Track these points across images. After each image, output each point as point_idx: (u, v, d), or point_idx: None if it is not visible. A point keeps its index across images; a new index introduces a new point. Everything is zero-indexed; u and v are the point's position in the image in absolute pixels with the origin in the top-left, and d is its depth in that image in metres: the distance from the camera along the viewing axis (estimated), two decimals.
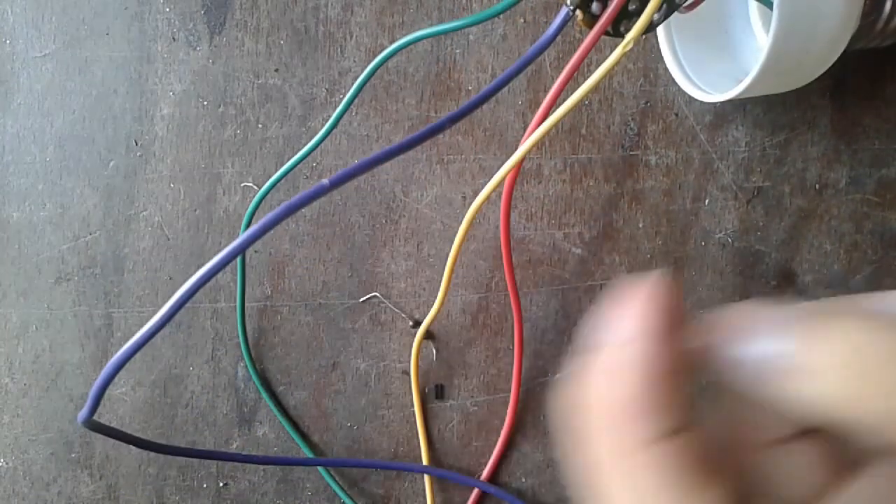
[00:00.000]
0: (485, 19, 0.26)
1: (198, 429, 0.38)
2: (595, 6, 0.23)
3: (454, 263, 0.32)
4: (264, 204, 0.36)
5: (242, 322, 0.37)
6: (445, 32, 0.28)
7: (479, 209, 0.30)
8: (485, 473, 0.37)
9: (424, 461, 0.37)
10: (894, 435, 0.14)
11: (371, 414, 0.38)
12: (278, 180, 0.35)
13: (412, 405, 0.37)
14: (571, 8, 0.23)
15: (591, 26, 0.23)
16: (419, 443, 0.37)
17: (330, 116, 0.37)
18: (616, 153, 0.36)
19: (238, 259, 0.37)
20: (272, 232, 0.38)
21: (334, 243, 0.37)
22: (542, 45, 0.23)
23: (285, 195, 0.37)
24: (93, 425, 0.23)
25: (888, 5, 0.27)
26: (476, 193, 0.36)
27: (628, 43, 0.23)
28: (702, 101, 0.32)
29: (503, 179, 0.28)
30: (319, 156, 0.37)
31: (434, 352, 0.37)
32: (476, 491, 0.37)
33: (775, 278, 0.35)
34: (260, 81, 0.37)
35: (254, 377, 0.38)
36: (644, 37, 0.26)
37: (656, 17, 0.24)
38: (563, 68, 0.36)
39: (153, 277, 0.38)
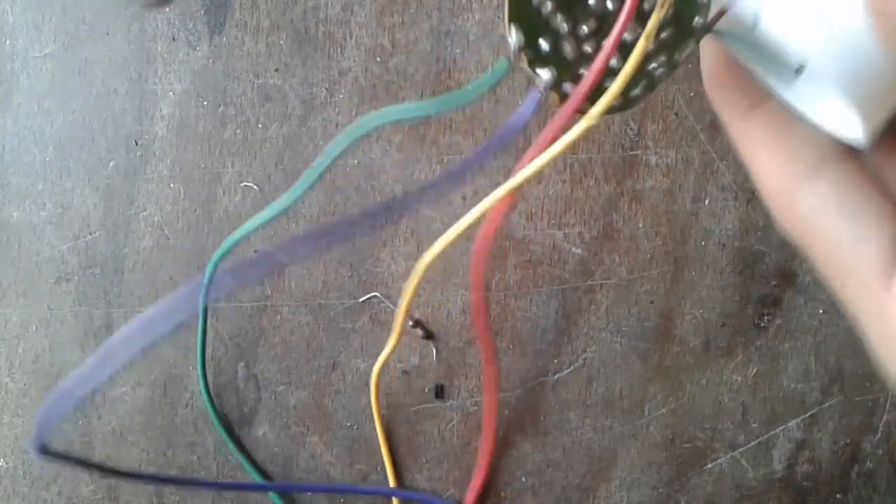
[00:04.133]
0: (466, 102, 0.23)
1: (198, 429, 0.38)
2: (568, 86, 0.21)
3: (405, 318, 0.29)
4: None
5: (206, 390, 0.38)
6: (414, 116, 0.26)
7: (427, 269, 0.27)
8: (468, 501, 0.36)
9: (391, 482, 0.37)
10: None
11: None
12: (238, 241, 0.34)
13: (412, 405, 0.37)
14: (542, 91, 0.21)
15: None
16: (420, 443, 0.37)
17: (330, 116, 0.37)
18: (616, 153, 0.36)
19: (200, 319, 0.37)
20: (272, 232, 0.38)
21: (334, 243, 0.37)
22: (513, 129, 0.21)
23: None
24: (48, 453, 0.20)
25: None
26: (476, 193, 0.36)
27: (591, 118, 0.20)
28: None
29: (451, 239, 0.24)
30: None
31: (434, 352, 0.37)
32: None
33: (775, 278, 0.35)
34: (260, 81, 0.37)
35: (214, 421, 0.38)
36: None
37: (637, 91, 0.21)
38: None
39: (153, 277, 0.38)
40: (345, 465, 0.38)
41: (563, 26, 0.20)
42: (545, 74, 0.20)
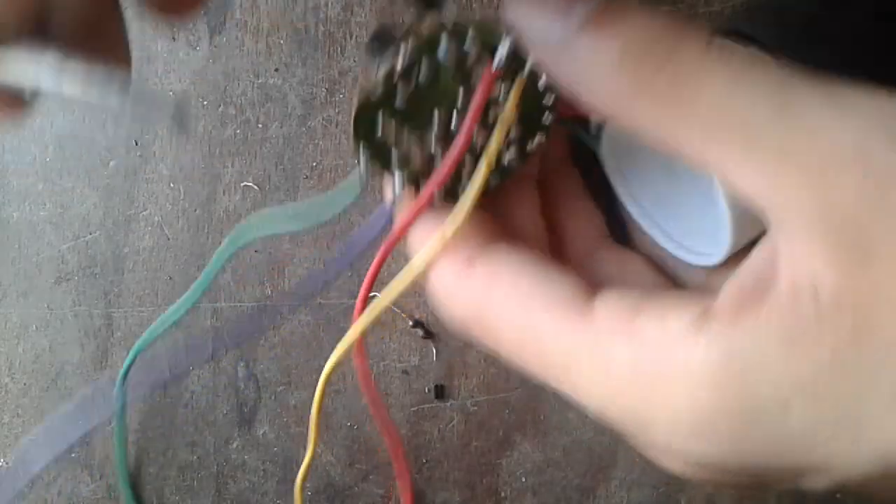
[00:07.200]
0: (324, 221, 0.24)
1: (198, 429, 0.38)
2: (423, 182, 0.22)
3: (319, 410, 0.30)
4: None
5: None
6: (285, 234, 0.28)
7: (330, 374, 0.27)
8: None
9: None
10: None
11: (371, 414, 0.38)
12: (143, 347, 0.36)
13: (412, 405, 0.37)
14: (390, 207, 0.22)
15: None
16: (420, 443, 0.37)
17: (330, 116, 0.37)
18: None
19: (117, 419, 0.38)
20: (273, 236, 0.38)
21: (334, 243, 0.37)
22: (362, 243, 0.22)
23: (285, 195, 0.37)
24: None
25: None
26: None
27: (443, 239, 0.21)
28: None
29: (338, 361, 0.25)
30: (319, 155, 0.37)
31: (434, 352, 0.37)
32: None
33: None
34: (260, 81, 0.37)
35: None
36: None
37: (494, 181, 0.22)
38: None
39: (153, 277, 0.38)
40: (345, 466, 0.38)
41: (409, 137, 0.22)
42: (397, 177, 0.22)
